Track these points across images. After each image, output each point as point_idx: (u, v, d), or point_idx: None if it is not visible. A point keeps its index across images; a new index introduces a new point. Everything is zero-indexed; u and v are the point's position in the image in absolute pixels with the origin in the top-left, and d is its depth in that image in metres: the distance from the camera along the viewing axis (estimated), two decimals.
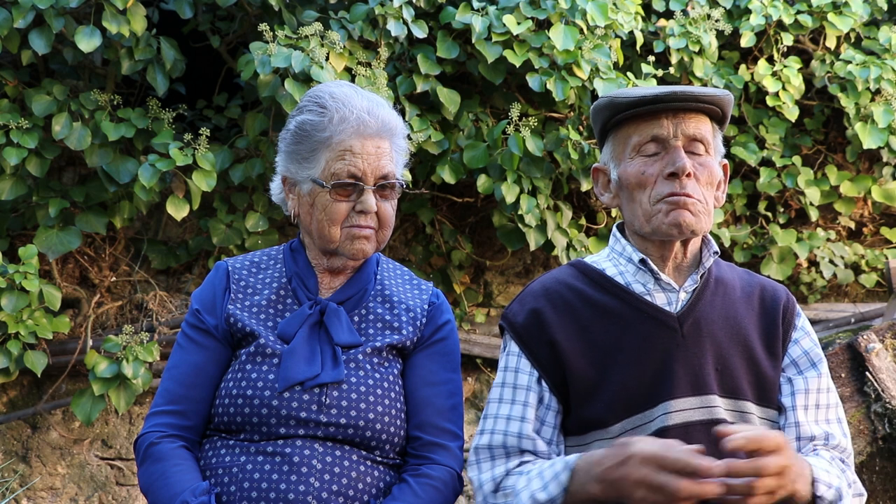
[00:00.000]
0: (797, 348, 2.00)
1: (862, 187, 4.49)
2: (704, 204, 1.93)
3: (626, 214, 2.00)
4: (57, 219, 3.61)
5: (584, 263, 2.07)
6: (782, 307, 2.00)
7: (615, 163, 2.00)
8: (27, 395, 3.88)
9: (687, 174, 1.90)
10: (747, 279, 2.07)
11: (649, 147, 1.94)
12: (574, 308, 1.96)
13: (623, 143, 1.97)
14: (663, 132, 1.92)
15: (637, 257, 1.97)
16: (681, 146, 1.92)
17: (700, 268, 1.99)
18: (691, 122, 1.94)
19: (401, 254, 4.30)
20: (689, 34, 4.11)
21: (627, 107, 1.93)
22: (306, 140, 2.05)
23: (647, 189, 1.93)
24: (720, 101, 1.96)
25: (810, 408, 1.96)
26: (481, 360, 4.22)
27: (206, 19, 3.89)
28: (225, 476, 1.92)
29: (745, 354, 1.93)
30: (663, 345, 1.89)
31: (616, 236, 2.05)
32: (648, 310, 1.93)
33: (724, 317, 1.95)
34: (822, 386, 1.98)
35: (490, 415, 1.96)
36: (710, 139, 1.97)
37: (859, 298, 4.66)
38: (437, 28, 3.87)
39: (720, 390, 1.88)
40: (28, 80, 3.78)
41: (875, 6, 4.47)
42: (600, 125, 2.03)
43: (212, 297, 2.09)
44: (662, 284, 1.96)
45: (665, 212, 1.90)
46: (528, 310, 1.98)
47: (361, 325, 2.07)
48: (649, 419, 1.86)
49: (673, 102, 1.91)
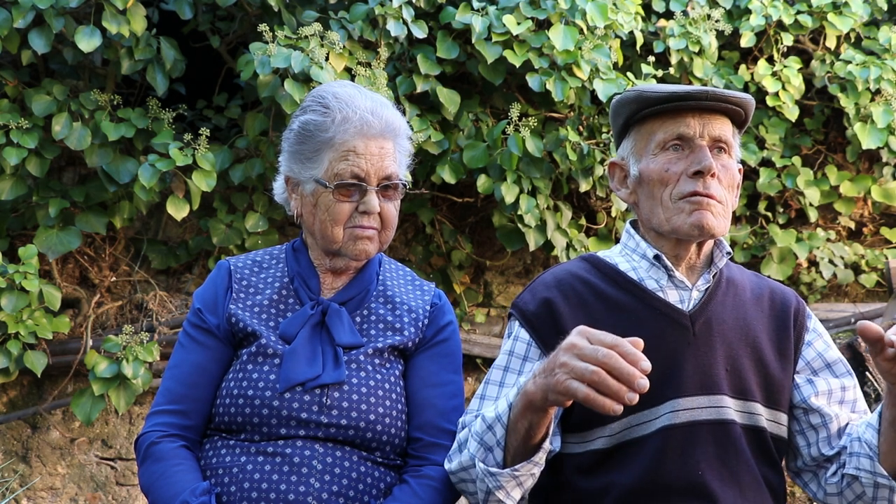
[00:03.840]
0: (811, 350, 2.00)
1: (862, 187, 4.49)
2: (724, 206, 1.93)
3: (645, 211, 1.98)
4: (57, 219, 3.61)
5: (596, 258, 2.05)
6: (793, 311, 2.00)
7: (636, 158, 1.99)
8: (27, 395, 3.88)
9: (711, 174, 1.89)
10: (756, 281, 2.07)
11: (674, 145, 1.93)
12: (586, 301, 1.95)
13: (646, 138, 1.96)
14: (689, 131, 1.92)
15: (651, 253, 1.96)
16: (706, 146, 1.92)
17: (713, 267, 1.99)
18: (717, 123, 1.94)
19: (401, 254, 4.30)
20: (689, 34, 4.11)
21: (657, 101, 1.92)
22: (309, 140, 2.04)
23: (669, 186, 1.92)
24: (746, 105, 1.96)
25: (834, 404, 1.96)
26: (481, 360, 4.22)
27: (206, 19, 3.89)
28: (225, 476, 1.91)
29: (754, 356, 1.92)
30: (674, 342, 1.88)
31: (629, 232, 2.05)
32: (661, 307, 1.92)
33: (734, 317, 1.94)
34: (847, 384, 1.98)
35: (489, 396, 1.94)
36: (733, 142, 1.97)
37: (859, 298, 4.66)
38: (437, 28, 3.87)
39: (730, 390, 1.88)
40: (28, 80, 3.77)
41: (875, 6, 4.47)
42: (624, 118, 2.01)
43: (213, 297, 2.09)
44: (676, 282, 1.96)
45: (688, 212, 1.89)
46: (539, 299, 1.96)
47: (363, 325, 2.07)
48: (654, 416, 1.85)
49: (703, 101, 1.91)
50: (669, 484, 1.81)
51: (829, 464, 1.94)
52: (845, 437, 1.91)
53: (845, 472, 1.87)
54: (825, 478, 1.95)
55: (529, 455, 1.72)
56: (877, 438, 1.79)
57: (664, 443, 1.83)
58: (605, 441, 1.87)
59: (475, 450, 1.75)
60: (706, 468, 1.82)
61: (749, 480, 1.85)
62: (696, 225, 1.89)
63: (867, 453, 1.81)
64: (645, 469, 1.82)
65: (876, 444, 1.79)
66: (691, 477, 1.82)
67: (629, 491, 1.83)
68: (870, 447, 1.80)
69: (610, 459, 1.86)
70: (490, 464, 1.74)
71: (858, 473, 1.84)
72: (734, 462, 1.85)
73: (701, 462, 1.82)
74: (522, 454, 1.72)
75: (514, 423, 1.69)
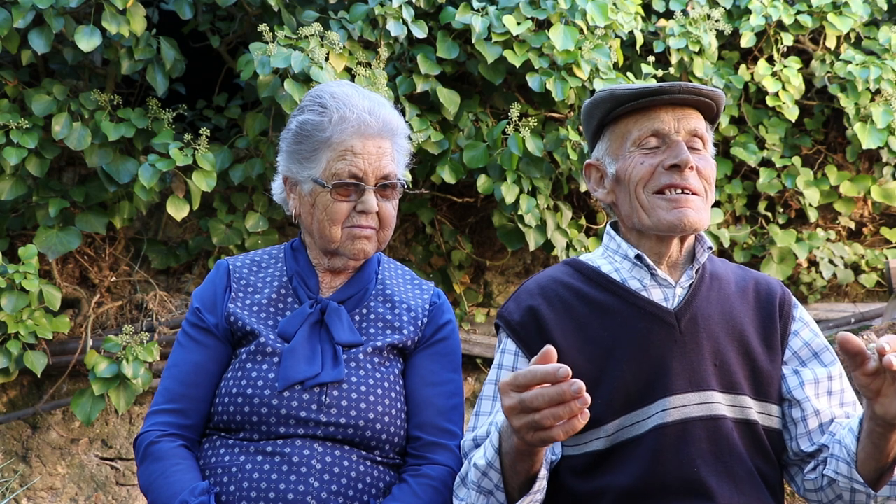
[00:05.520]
0: (798, 340, 1.99)
1: (862, 187, 4.49)
2: (704, 198, 1.93)
3: (624, 209, 1.99)
4: (57, 219, 3.61)
5: (578, 261, 2.06)
6: (778, 300, 2.00)
7: (612, 158, 1.99)
8: (27, 395, 3.88)
9: (689, 167, 1.90)
10: (741, 274, 2.06)
11: (650, 141, 1.93)
12: (570, 305, 1.95)
13: (621, 137, 1.97)
14: (664, 126, 1.92)
15: (633, 253, 1.96)
16: (682, 140, 1.92)
17: (695, 263, 1.98)
18: (691, 117, 1.94)
19: (401, 254, 4.30)
20: (689, 34, 4.11)
21: (630, 98, 1.93)
22: (307, 140, 2.05)
23: (647, 181, 1.92)
24: (718, 99, 1.97)
25: (822, 395, 1.95)
26: (481, 360, 4.22)
27: (206, 19, 3.89)
28: (224, 476, 1.91)
29: (741, 349, 1.92)
30: (661, 341, 1.88)
31: (610, 234, 2.05)
32: (645, 306, 1.92)
33: (720, 312, 1.94)
34: (833, 373, 1.97)
35: (483, 412, 1.95)
36: (707, 136, 1.98)
37: (859, 298, 4.66)
38: (437, 28, 3.87)
39: (719, 385, 1.87)
40: (28, 80, 3.78)
41: (875, 6, 4.47)
42: (598, 119, 2.01)
43: (212, 296, 2.09)
44: (659, 280, 1.96)
45: (667, 208, 1.90)
46: (524, 307, 1.97)
47: (362, 324, 2.07)
48: (646, 416, 1.85)
49: (676, 94, 1.91)
50: (666, 483, 1.81)
51: (810, 459, 1.93)
52: (827, 437, 1.90)
53: (826, 473, 1.87)
54: (804, 473, 1.94)
55: (530, 485, 1.72)
56: (855, 445, 1.78)
57: (658, 442, 1.82)
58: (600, 443, 1.86)
59: (476, 498, 1.76)
60: (701, 464, 1.82)
61: (743, 474, 1.85)
62: (676, 221, 1.89)
63: (846, 458, 1.80)
64: (641, 469, 1.82)
65: (854, 451, 1.78)
66: (687, 474, 1.81)
67: (626, 492, 1.82)
68: (848, 453, 1.80)
69: (605, 461, 1.86)
70: None
71: (837, 477, 1.83)
72: (728, 457, 1.84)
73: (696, 459, 1.82)
74: (524, 487, 1.73)
75: (511, 468, 1.69)
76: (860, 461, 1.78)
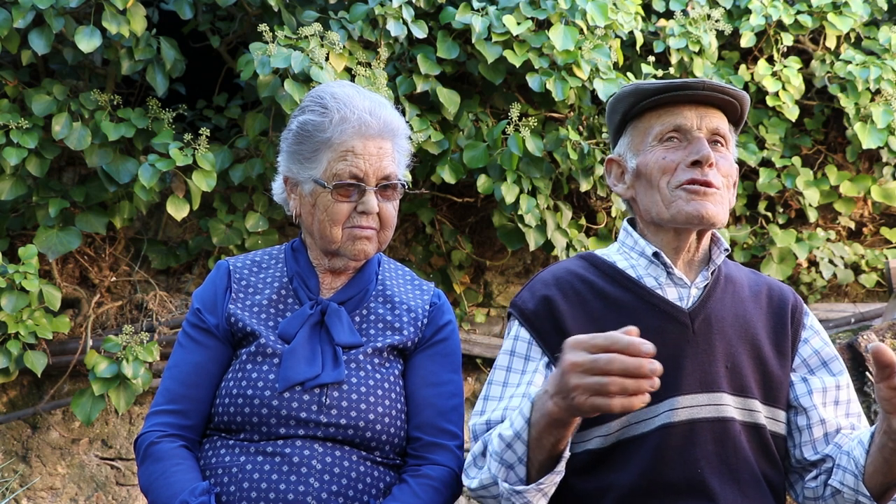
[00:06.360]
0: (808, 348, 1.99)
1: (862, 187, 4.49)
2: (723, 195, 1.93)
3: (643, 203, 1.98)
4: (57, 219, 3.61)
5: (594, 255, 2.05)
6: (791, 307, 2.00)
7: (633, 152, 1.99)
8: (27, 395, 3.88)
9: (710, 164, 1.90)
10: (754, 278, 2.06)
11: (672, 136, 1.94)
12: (585, 299, 1.94)
13: (644, 132, 1.97)
14: (687, 122, 1.93)
15: (650, 250, 1.96)
16: (704, 137, 1.92)
17: (710, 264, 1.98)
18: (714, 116, 1.95)
19: (401, 254, 4.30)
20: (689, 34, 4.11)
21: (654, 93, 1.93)
22: (308, 140, 2.04)
23: (668, 176, 1.92)
24: (742, 99, 1.97)
25: (829, 405, 1.95)
26: (481, 360, 4.22)
27: (206, 19, 3.89)
28: (224, 476, 1.91)
29: (753, 353, 1.92)
30: (673, 340, 1.88)
31: (627, 230, 2.04)
32: (660, 304, 1.92)
33: (733, 314, 1.94)
34: (841, 383, 1.97)
35: (493, 396, 1.93)
36: (730, 136, 1.98)
37: (859, 298, 4.66)
38: (437, 28, 3.87)
39: (730, 388, 1.87)
40: (28, 80, 3.78)
41: (875, 6, 4.47)
42: (621, 114, 2.01)
43: (213, 296, 2.09)
44: (674, 279, 1.95)
45: (686, 199, 1.89)
46: (539, 297, 1.96)
47: (362, 325, 2.07)
48: (653, 414, 1.84)
49: (700, 91, 1.91)
50: (669, 482, 1.81)
51: (811, 468, 1.93)
52: (832, 447, 1.90)
53: (830, 484, 1.87)
54: (804, 481, 1.94)
55: (553, 465, 1.71)
56: (864, 458, 1.78)
57: (663, 441, 1.82)
58: (602, 440, 1.86)
59: (496, 469, 1.73)
60: (706, 466, 1.82)
61: (748, 478, 1.84)
62: (695, 212, 1.88)
63: (853, 471, 1.80)
64: (644, 468, 1.82)
65: (863, 464, 1.78)
66: (691, 475, 1.81)
67: (629, 490, 1.82)
68: (856, 465, 1.80)
69: (608, 459, 1.86)
70: (513, 481, 1.72)
71: (842, 489, 1.83)
72: (733, 460, 1.84)
73: (700, 460, 1.82)
74: (547, 465, 1.71)
75: (537, 440, 1.67)
76: (868, 474, 1.78)
